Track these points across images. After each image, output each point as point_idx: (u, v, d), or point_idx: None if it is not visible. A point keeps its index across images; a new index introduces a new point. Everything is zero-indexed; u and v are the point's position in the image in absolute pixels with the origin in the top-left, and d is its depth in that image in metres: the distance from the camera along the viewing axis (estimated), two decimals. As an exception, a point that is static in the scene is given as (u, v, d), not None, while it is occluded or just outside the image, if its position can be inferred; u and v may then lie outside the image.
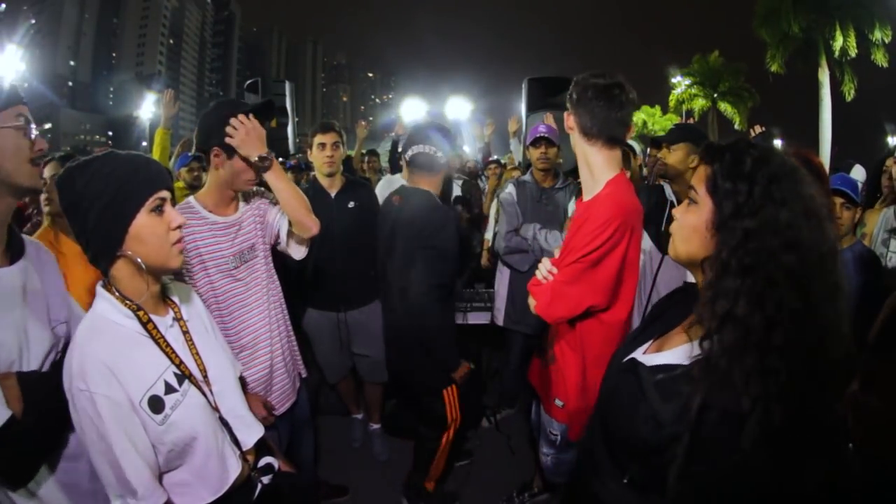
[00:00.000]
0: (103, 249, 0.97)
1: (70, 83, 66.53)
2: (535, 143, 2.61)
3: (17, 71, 19.46)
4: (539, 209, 2.63)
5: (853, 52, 16.90)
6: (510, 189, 2.72)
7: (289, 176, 5.22)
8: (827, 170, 1.99)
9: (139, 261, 0.96)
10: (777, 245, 0.72)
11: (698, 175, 0.86)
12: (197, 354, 1.10)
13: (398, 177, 3.91)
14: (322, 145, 2.41)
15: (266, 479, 1.17)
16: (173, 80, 76.22)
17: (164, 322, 1.05)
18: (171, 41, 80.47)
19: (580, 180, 1.56)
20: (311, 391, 2.65)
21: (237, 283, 1.63)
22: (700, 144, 2.14)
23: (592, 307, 1.42)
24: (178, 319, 1.09)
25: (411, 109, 6.81)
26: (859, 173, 3.55)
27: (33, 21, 62.09)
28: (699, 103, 24.85)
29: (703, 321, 0.77)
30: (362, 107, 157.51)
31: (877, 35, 16.41)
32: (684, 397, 0.75)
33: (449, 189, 3.26)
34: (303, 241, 1.73)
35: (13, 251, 1.06)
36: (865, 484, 1.12)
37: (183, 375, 1.03)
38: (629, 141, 2.41)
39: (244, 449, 1.15)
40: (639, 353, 0.94)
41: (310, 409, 2.01)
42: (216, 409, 1.10)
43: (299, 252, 1.74)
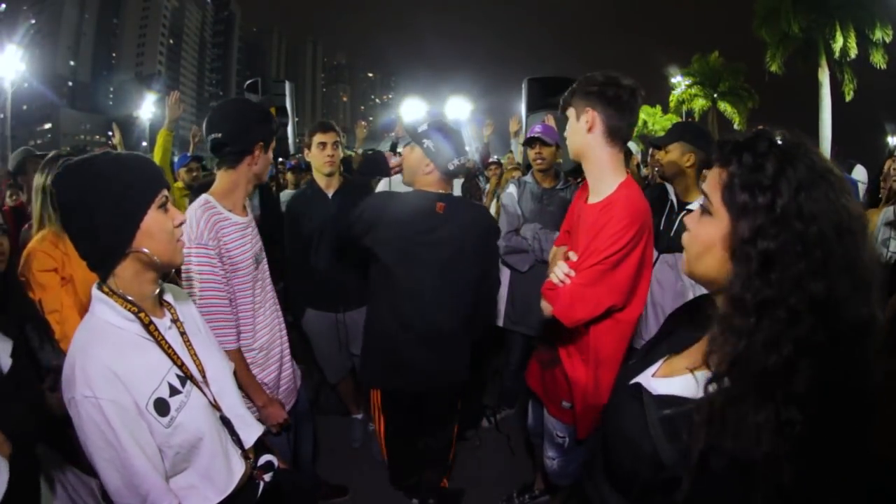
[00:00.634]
0: (113, 247, 0.95)
1: (70, 83, 66.51)
2: (530, 144, 2.61)
3: (17, 71, 19.53)
4: (540, 209, 2.62)
5: (853, 53, 16.90)
6: (511, 189, 2.72)
7: (289, 177, 5.18)
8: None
9: (154, 256, 0.96)
10: (803, 271, 0.60)
11: (712, 179, 0.72)
12: (195, 355, 1.09)
13: (398, 177, 3.92)
14: (322, 144, 2.41)
15: (268, 477, 1.17)
16: (173, 80, 76.23)
17: (164, 324, 1.05)
18: (171, 41, 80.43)
19: (588, 181, 1.56)
20: (311, 391, 2.66)
21: (256, 284, 1.66)
22: (696, 141, 2.13)
23: (610, 307, 1.43)
24: (176, 321, 1.09)
25: (411, 109, 6.81)
26: (860, 174, 3.55)
27: (33, 21, 62.10)
28: (699, 103, 24.84)
29: (711, 360, 0.66)
30: (362, 107, 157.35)
31: (877, 35, 16.42)
32: (688, 439, 0.66)
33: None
34: None
35: None
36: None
37: (185, 376, 1.03)
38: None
39: (245, 448, 1.15)
40: (646, 377, 0.83)
41: (307, 403, 2.04)
42: (218, 409, 1.10)
43: None
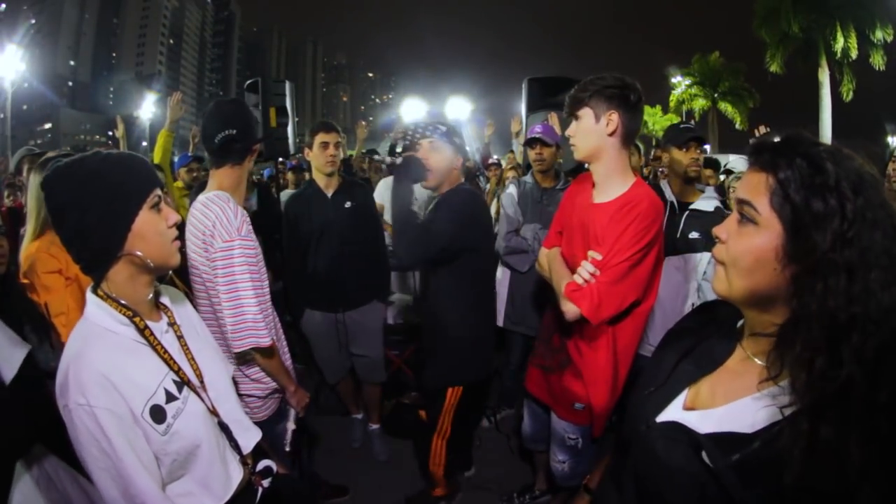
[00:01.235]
0: (105, 250, 0.92)
1: (70, 83, 66.55)
2: (530, 144, 2.61)
3: (17, 71, 19.54)
4: (540, 210, 2.62)
5: (854, 53, 16.91)
6: (511, 189, 2.71)
7: (289, 176, 5.17)
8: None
9: (147, 259, 0.93)
10: (879, 281, 0.56)
11: (753, 185, 0.64)
12: (192, 359, 1.06)
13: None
14: (325, 144, 2.41)
15: (266, 483, 1.16)
16: (173, 80, 76.27)
17: (160, 328, 1.02)
18: (171, 41, 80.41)
19: (595, 181, 1.57)
20: (311, 391, 2.64)
21: (264, 277, 1.65)
22: (678, 137, 2.13)
23: (632, 302, 1.47)
24: (172, 324, 1.06)
25: (411, 109, 6.82)
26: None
27: (33, 21, 62.12)
28: (699, 103, 24.83)
29: (802, 391, 0.59)
30: (362, 107, 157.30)
31: (878, 35, 16.41)
32: (773, 481, 0.58)
33: None
34: None
35: None
36: None
37: (182, 382, 1.00)
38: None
39: (244, 453, 1.14)
40: (678, 410, 0.74)
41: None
42: (215, 414, 1.08)
43: None
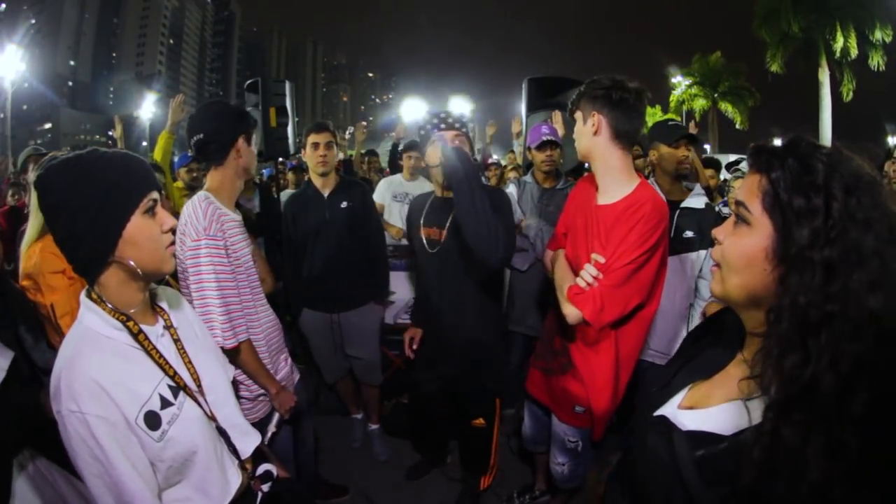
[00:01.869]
0: (95, 255, 0.89)
1: (70, 83, 66.57)
2: (541, 148, 2.60)
3: (17, 71, 19.53)
4: (540, 210, 2.62)
5: (854, 53, 16.91)
6: (511, 189, 2.71)
7: (290, 176, 5.16)
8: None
9: (134, 266, 0.90)
10: (864, 283, 0.56)
11: (748, 187, 0.67)
12: (190, 363, 1.04)
13: (398, 177, 3.93)
14: (315, 144, 2.40)
15: (266, 488, 1.14)
16: (173, 80, 76.32)
17: (155, 331, 0.99)
18: (171, 41, 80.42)
19: (598, 182, 1.56)
20: (311, 391, 2.64)
21: (252, 277, 1.64)
22: (668, 134, 2.06)
23: (636, 305, 1.46)
24: (169, 327, 1.03)
25: (411, 109, 6.82)
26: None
27: (33, 21, 62.14)
28: (699, 103, 24.80)
29: (765, 384, 0.60)
30: (362, 107, 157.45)
31: (877, 35, 16.41)
32: (731, 482, 0.59)
33: None
34: None
35: None
36: None
37: (178, 387, 0.97)
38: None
39: (243, 458, 1.13)
40: (672, 408, 0.76)
41: (307, 401, 2.02)
42: (213, 419, 1.06)
43: None
